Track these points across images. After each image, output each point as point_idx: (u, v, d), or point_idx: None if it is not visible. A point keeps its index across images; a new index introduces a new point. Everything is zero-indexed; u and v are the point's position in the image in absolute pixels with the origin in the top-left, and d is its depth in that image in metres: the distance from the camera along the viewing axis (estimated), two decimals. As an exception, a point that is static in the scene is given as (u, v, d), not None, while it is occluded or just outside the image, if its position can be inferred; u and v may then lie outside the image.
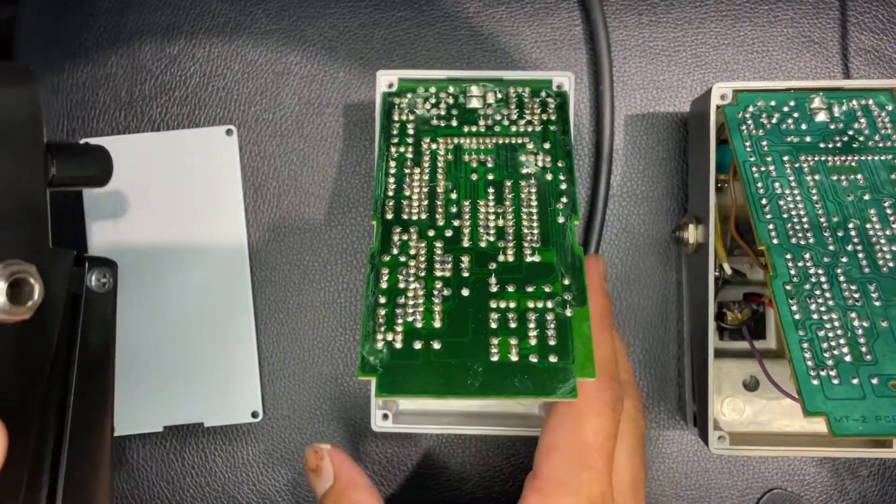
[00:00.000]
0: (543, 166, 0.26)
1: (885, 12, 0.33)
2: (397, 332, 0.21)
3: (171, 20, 0.34)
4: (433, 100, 0.28)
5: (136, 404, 0.32)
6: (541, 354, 0.21)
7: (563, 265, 0.23)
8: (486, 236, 0.24)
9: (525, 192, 0.25)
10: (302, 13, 0.34)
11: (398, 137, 0.26)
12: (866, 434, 0.21)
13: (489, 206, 0.24)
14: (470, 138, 0.26)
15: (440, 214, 0.24)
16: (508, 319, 0.21)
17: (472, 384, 0.20)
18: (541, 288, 0.22)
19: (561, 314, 0.22)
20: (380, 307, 0.22)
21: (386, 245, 0.23)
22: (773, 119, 0.27)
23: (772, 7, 0.34)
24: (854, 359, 0.22)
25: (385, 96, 0.28)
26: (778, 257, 0.24)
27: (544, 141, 0.26)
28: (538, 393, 0.20)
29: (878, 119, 0.27)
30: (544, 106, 0.27)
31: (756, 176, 0.26)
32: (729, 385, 0.30)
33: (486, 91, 0.28)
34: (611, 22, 0.34)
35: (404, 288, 0.22)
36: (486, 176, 0.25)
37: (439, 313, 0.22)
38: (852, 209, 0.25)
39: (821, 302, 0.23)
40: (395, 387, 0.20)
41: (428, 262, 0.23)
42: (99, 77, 0.34)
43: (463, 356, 0.21)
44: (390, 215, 0.24)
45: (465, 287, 0.22)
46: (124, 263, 0.33)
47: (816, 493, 0.32)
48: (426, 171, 0.25)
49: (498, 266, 0.23)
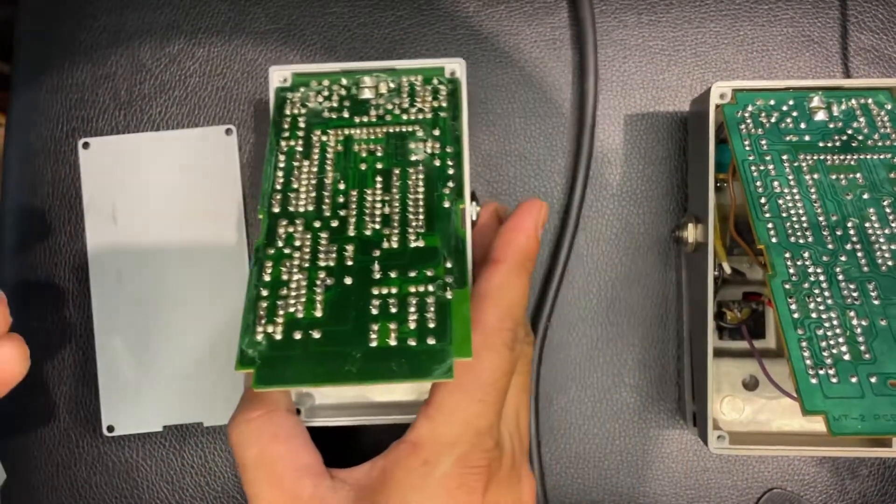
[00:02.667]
0: (432, 152, 0.26)
1: (884, 11, 0.33)
2: (278, 323, 0.21)
3: (171, 20, 0.34)
4: (326, 92, 0.28)
5: (136, 404, 0.32)
6: (419, 338, 0.21)
7: (447, 248, 0.23)
8: (372, 224, 0.24)
9: (413, 178, 0.25)
10: (301, 13, 0.34)
11: (289, 131, 0.27)
12: (865, 433, 0.21)
13: (376, 195, 0.25)
14: (361, 129, 0.27)
15: (327, 205, 0.24)
16: (389, 305, 0.22)
17: (349, 370, 0.20)
18: (423, 272, 0.22)
19: (441, 297, 0.22)
20: (261, 300, 0.22)
21: (271, 238, 0.24)
22: (773, 118, 0.27)
23: (771, 6, 0.34)
24: (853, 357, 0.22)
25: (278, 91, 0.28)
26: (777, 256, 0.24)
27: (434, 128, 0.26)
28: (415, 375, 0.20)
29: (878, 118, 0.27)
30: (436, 93, 0.27)
31: (755, 175, 0.26)
32: (728, 384, 0.30)
33: (379, 81, 0.28)
34: (610, 21, 0.34)
35: (287, 280, 0.22)
36: (375, 165, 0.26)
37: (321, 303, 0.22)
38: (851, 208, 0.25)
39: (820, 301, 0.23)
40: (273, 378, 0.20)
41: (312, 253, 0.23)
42: (99, 77, 0.34)
43: (342, 344, 0.21)
44: (277, 209, 0.24)
45: (349, 275, 0.22)
46: (124, 263, 0.33)
47: (816, 493, 0.32)
48: (315, 163, 0.26)
49: (382, 253, 0.23)
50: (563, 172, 0.33)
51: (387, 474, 0.22)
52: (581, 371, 0.33)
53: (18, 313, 0.33)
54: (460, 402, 0.22)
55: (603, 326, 0.33)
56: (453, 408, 0.22)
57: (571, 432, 0.33)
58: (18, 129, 0.34)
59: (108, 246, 0.33)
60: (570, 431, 0.33)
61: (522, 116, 0.34)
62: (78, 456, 0.33)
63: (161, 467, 0.33)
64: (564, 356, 0.33)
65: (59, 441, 0.33)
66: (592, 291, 0.33)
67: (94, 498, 0.33)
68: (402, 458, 0.22)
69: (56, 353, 0.33)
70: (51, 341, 0.33)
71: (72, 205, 0.33)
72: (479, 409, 0.22)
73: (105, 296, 0.33)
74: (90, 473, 0.33)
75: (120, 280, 0.33)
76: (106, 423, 0.32)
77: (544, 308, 0.32)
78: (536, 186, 0.33)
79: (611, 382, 0.33)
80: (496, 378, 0.23)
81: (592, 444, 0.33)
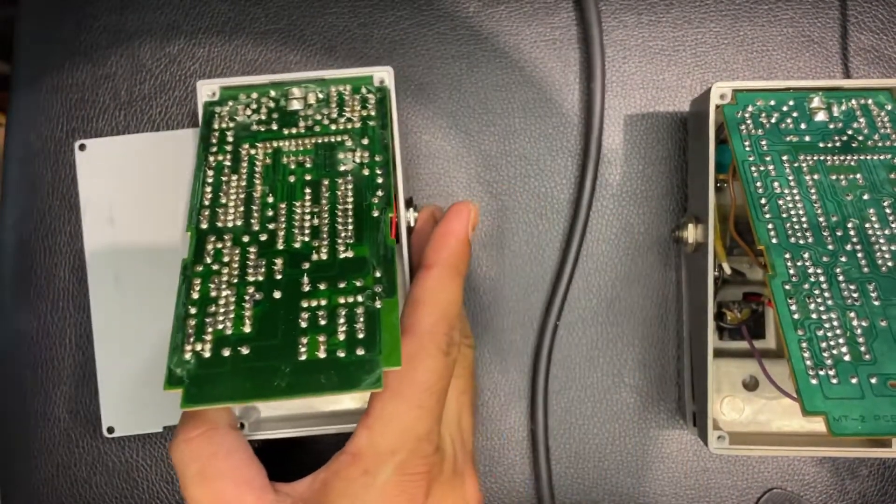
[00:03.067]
0: (361, 162, 0.26)
1: (884, 12, 0.33)
2: (206, 341, 0.21)
3: (171, 20, 0.34)
4: (254, 105, 0.28)
5: (136, 404, 0.32)
6: (348, 349, 0.21)
7: (376, 258, 0.23)
8: (301, 237, 0.24)
9: (342, 189, 0.25)
10: (301, 13, 0.34)
11: (217, 146, 0.26)
12: (865, 433, 0.21)
13: (305, 207, 0.25)
14: (289, 141, 0.26)
15: (255, 219, 0.24)
16: (318, 317, 0.22)
17: (278, 385, 0.20)
18: (352, 283, 0.22)
19: (370, 307, 0.22)
20: (190, 318, 0.22)
21: (199, 255, 0.23)
22: (773, 119, 0.27)
23: (771, 6, 0.34)
24: (853, 358, 0.22)
25: (206, 106, 0.28)
26: (777, 257, 0.24)
27: (363, 137, 0.26)
28: (344, 387, 0.20)
29: (878, 119, 0.27)
30: (364, 102, 0.27)
31: (755, 175, 0.26)
32: (728, 385, 0.30)
33: (308, 92, 0.28)
34: (610, 22, 0.34)
35: (216, 296, 0.22)
36: (304, 177, 0.25)
37: (250, 318, 0.22)
38: (851, 209, 0.25)
39: (820, 301, 0.23)
40: (202, 396, 0.20)
41: (241, 268, 0.23)
42: (99, 77, 0.34)
43: (271, 358, 0.21)
44: (205, 225, 0.24)
45: (277, 289, 0.22)
46: (123, 263, 0.33)
47: (816, 493, 0.32)
48: (244, 177, 0.26)
49: (311, 265, 0.23)
50: (564, 172, 0.33)
51: (328, 486, 0.22)
52: (581, 371, 0.33)
53: (18, 313, 0.33)
54: (398, 409, 0.22)
55: (603, 326, 0.33)
56: (391, 416, 0.22)
57: (571, 432, 0.33)
58: (18, 129, 0.34)
59: (106, 247, 0.33)
60: (570, 431, 0.33)
61: (522, 116, 0.34)
62: (78, 456, 0.33)
63: (161, 467, 0.33)
64: (564, 356, 0.33)
65: (59, 441, 0.33)
66: (592, 291, 0.33)
67: (94, 498, 0.33)
68: (343, 469, 0.22)
69: (56, 354, 0.33)
70: (50, 342, 0.33)
71: (71, 205, 0.33)
72: (417, 416, 0.22)
73: (103, 296, 0.33)
74: (90, 473, 0.33)
75: (118, 281, 0.33)
76: (106, 424, 0.32)
77: (552, 309, 0.32)
78: (536, 186, 0.33)
79: (611, 382, 0.33)
80: (432, 383, 0.23)
81: (592, 444, 0.33)
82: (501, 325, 0.33)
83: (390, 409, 0.22)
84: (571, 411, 0.33)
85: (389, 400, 0.22)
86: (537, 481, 0.32)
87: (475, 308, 0.33)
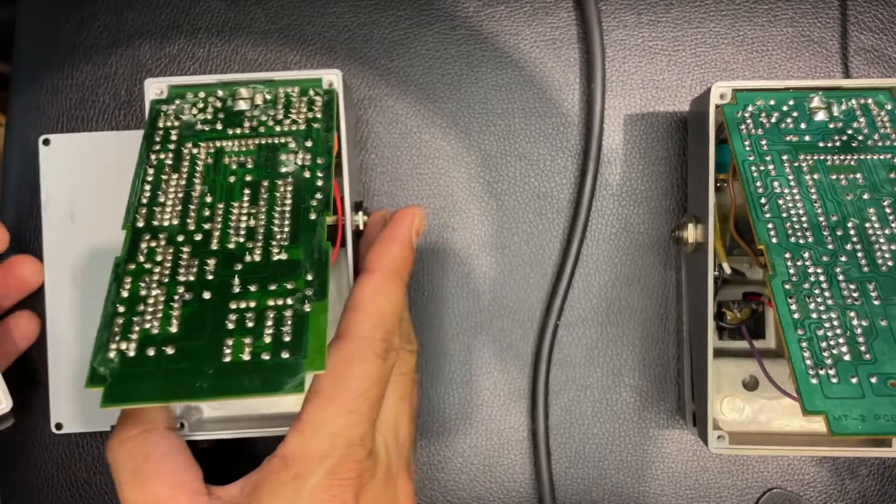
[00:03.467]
0: (303, 164, 0.26)
1: (884, 12, 0.33)
2: (132, 340, 0.21)
3: (171, 20, 0.34)
4: (201, 104, 0.27)
5: (85, 402, 0.32)
6: (274, 352, 0.21)
7: (310, 261, 0.23)
8: (236, 238, 0.24)
9: (281, 190, 0.25)
10: (301, 13, 0.34)
11: (160, 144, 0.26)
12: (865, 433, 0.21)
13: (243, 208, 0.25)
14: (233, 141, 0.26)
15: (192, 219, 0.24)
16: (246, 319, 0.22)
17: (200, 386, 0.20)
18: (283, 285, 0.22)
19: (300, 310, 0.22)
20: (118, 316, 0.22)
21: (132, 253, 0.23)
22: (773, 118, 0.27)
23: (771, 6, 0.34)
24: (853, 358, 0.22)
25: (153, 104, 0.28)
26: (777, 256, 0.24)
27: (307, 139, 0.26)
28: (266, 390, 0.20)
29: (878, 118, 0.27)
30: (311, 104, 0.27)
31: (755, 175, 0.26)
32: (728, 384, 0.30)
33: (256, 93, 0.28)
34: (610, 21, 0.34)
35: (145, 295, 0.22)
36: (245, 178, 0.25)
37: (177, 318, 0.22)
38: (851, 208, 0.25)
39: (820, 301, 0.23)
40: (124, 395, 0.20)
41: (173, 268, 0.23)
42: (99, 76, 0.34)
43: (195, 359, 0.21)
44: (141, 223, 0.24)
45: (208, 290, 0.22)
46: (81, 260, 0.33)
47: (816, 493, 0.32)
48: (184, 176, 0.25)
49: (244, 266, 0.23)
50: (564, 172, 0.33)
51: (259, 489, 0.22)
52: (581, 371, 0.33)
53: (18, 313, 0.33)
54: (330, 414, 0.22)
55: (603, 326, 0.33)
56: (323, 420, 0.22)
57: (571, 432, 0.33)
58: (18, 129, 0.34)
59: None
60: (570, 431, 0.33)
61: (523, 116, 0.34)
62: (78, 456, 0.33)
63: (161, 467, 0.33)
64: (564, 356, 0.33)
65: (59, 441, 0.33)
66: (592, 291, 0.33)
67: (94, 498, 0.33)
68: (273, 472, 0.22)
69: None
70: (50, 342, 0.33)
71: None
72: (349, 421, 0.22)
73: (58, 291, 0.33)
74: (90, 473, 0.33)
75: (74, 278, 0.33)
76: (54, 420, 0.32)
77: (553, 309, 0.32)
78: (536, 186, 0.33)
79: (611, 382, 0.33)
80: (366, 388, 0.22)
81: (592, 444, 0.33)
82: (501, 325, 0.33)
83: (322, 414, 0.22)
84: (571, 411, 0.33)
85: (322, 404, 0.22)
86: (538, 481, 0.32)
87: (474, 308, 0.33)
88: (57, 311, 0.33)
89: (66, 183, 0.33)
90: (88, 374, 0.21)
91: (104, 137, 0.34)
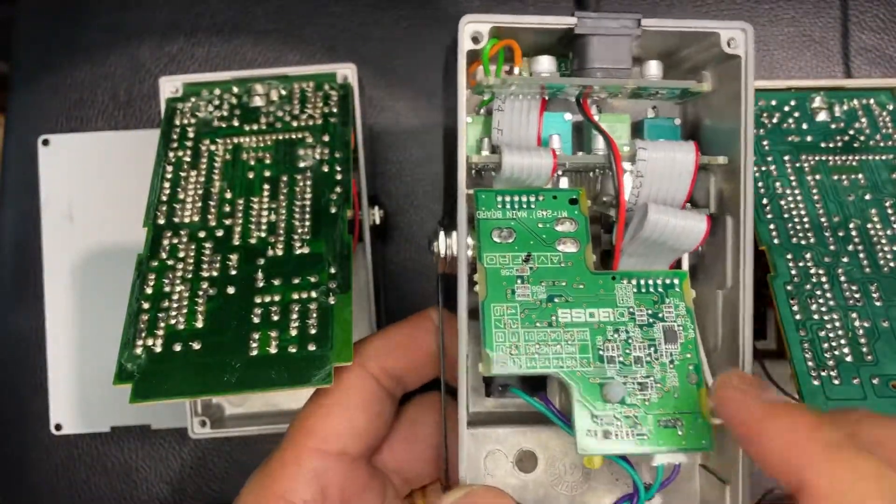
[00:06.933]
0: (321, 159, 0.26)
1: (885, 11, 0.33)
2: (158, 336, 0.21)
3: (171, 20, 0.34)
4: (217, 101, 0.28)
5: (86, 403, 0.32)
6: (300, 344, 0.21)
7: (332, 254, 0.23)
8: (258, 233, 0.24)
9: (300, 185, 0.25)
10: (301, 13, 0.34)
11: (177, 142, 0.26)
12: (867, 435, 0.21)
13: (263, 203, 0.25)
14: (250, 137, 0.26)
15: (212, 215, 0.24)
16: (271, 313, 0.22)
17: (228, 380, 0.20)
18: (307, 279, 0.22)
19: (324, 302, 0.22)
20: (143, 313, 0.22)
21: (155, 250, 0.23)
22: (774, 119, 0.27)
23: (772, 6, 0.34)
24: (855, 359, 0.22)
25: (168, 102, 0.28)
26: (779, 257, 0.24)
27: (324, 134, 0.26)
28: (294, 382, 0.20)
29: (879, 118, 0.27)
30: (326, 99, 0.27)
31: (757, 175, 0.26)
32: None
33: (271, 89, 0.28)
34: (611, 21, 0.34)
35: (169, 291, 0.22)
36: (263, 173, 0.25)
37: (202, 313, 0.22)
38: (853, 209, 0.25)
39: (822, 302, 0.23)
40: (152, 391, 0.20)
41: (196, 264, 0.23)
42: (98, 76, 0.34)
43: (222, 354, 0.21)
44: (162, 220, 0.24)
45: (232, 285, 0.22)
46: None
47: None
48: (203, 173, 0.26)
49: (267, 261, 0.23)
50: (564, 173, 0.33)
51: None
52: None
53: (16, 312, 0.33)
54: None
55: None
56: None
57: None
58: (18, 129, 0.34)
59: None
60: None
61: (523, 116, 0.34)
62: (78, 456, 0.33)
63: (161, 467, 0.33)
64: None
65: (58, 441, 0.33)
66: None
67: (94, 498, 0.33)
68: None
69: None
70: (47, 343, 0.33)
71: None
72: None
73: (57, 291, 0.32)
74: (89, 474, 0.33)
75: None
76: (54, 421, 0.32)
77: None
78: (537, 187, 0.33)
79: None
80: None
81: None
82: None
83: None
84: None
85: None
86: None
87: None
88: (56, 311, 0.32)
89: (66, 183, 0.33)
90: (116, 370, 0.20)
91: (103, 138, 0.34)
